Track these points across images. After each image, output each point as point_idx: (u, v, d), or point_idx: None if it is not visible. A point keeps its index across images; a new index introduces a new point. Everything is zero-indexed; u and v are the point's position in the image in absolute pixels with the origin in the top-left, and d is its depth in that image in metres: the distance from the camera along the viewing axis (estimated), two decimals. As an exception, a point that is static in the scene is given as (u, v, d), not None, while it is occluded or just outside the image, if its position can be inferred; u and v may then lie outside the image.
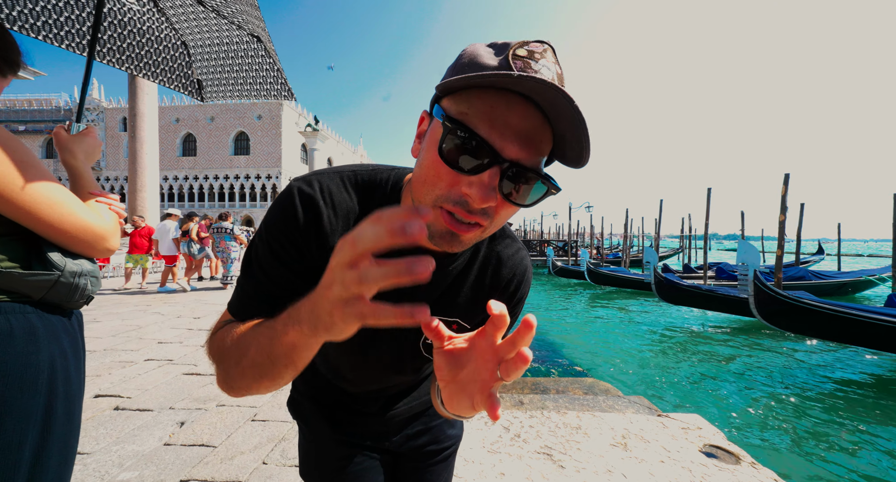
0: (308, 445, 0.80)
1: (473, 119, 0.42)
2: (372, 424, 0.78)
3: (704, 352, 6.99)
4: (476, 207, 0.44)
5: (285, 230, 0.53)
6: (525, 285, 0.69)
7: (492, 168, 0.42)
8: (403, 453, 0.81)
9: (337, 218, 0.56)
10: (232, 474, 1.88)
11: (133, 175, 14.42)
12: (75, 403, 0.80)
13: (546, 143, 0.45)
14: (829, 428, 4.15)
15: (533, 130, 0.43)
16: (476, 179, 0.43)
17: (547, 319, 9.77)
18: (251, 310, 0.53)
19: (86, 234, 0.79)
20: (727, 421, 4.27)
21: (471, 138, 0.42)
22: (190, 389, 2.88)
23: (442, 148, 0.44)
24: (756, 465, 1.98)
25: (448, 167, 0.43)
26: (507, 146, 0.42)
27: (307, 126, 19.37)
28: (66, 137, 0.95)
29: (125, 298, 6.71)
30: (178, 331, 4.53)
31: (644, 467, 1.96)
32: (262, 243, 0.55)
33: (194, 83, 1.78)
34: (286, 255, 0.53)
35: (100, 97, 49.47)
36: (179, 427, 2.33)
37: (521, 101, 0.42)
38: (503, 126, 0.42)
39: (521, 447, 2.16)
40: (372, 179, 0.60)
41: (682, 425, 2.43)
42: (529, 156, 0.43)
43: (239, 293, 0.56)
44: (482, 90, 0.43)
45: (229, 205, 49.07)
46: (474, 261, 0.64)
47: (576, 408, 2.69)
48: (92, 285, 0.83)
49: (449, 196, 0.44)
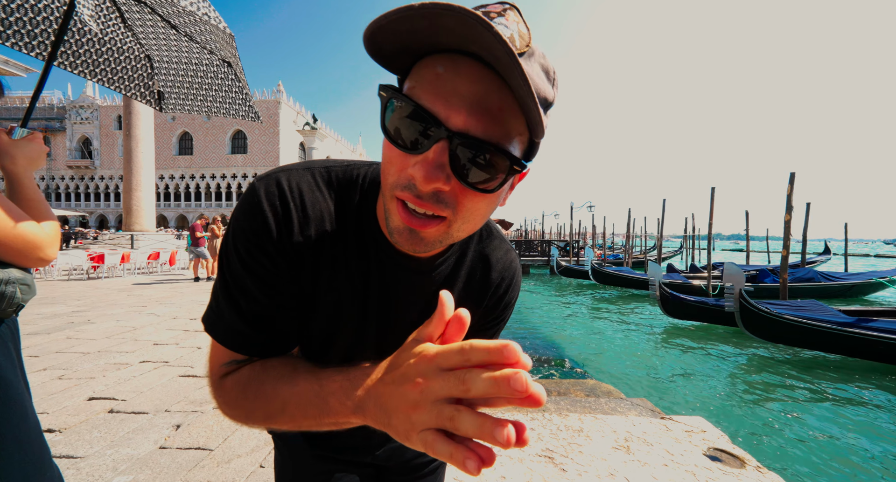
0: (284, 462, 0.74)
1: (418, 91, 0.37)
2: (353, 438, 0.71)
3: (708, 354, 7.00)
4: (424, 190, 0.38)
5: (254, 238, 0.47)
6: (514, 289, 0.65)
7: (438, 143, 0.36)
8: (389, 467, 0.77)
9: (308, 222, 0.50)
10: (228, 478, 1.85)
11: (128, 174, 14.31)
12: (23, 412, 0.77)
13: (511, 115, 0.37)
14: (834, 431, 4.14)
15: (486, 95, 0.36)
16: (420, 157, 0.37)
17: (549, 320, 9.76)
18: (248, 342, 0.50)
19: (17, 242, 0.76)
20: (732, 424, 4.25)
21: (412, 110, 0.37)
22: (186, 392, 2.85)
23: (385, 126, 0.39)
24: (761, 469, 1.97)
25: (396, 148, 0.39)
26: (452, 115, 0.36)
27: (305, 124, 19.35)
28: (7, 142, 0.91)
29: (120, 299, 6.66)
30: (174, 333, 4.49)
31: (647, 471, 1.94)
32: (234, 256, 0.48)
33: (154, 93, 1.81)
34: (260, 269, 0.48)
35: (94, 94, 49.17)
36: (175, 430, 2.29)
37: (472, 63, 0.36)
38: (450, 93, 0.36)
39: (521, 450, 2.13)
40: (347, 176, 0.54)
41: (685, 428, 2.41)
42: (483, 125, 0.36)
43: (224, 320, 0.50)
44: (431, 57, 0.38)
45: (226, 204, 48.85)
46: (461, 265, 0.59)
47: (577, 411, 2.67)
48: (22, 293, 0.79)
49: (399, 181, 0.39)
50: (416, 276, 0.55)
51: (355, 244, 0.52)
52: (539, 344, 7.39)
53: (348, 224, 0.52)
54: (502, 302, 0.64)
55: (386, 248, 0.53)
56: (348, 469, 0.74)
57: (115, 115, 48.20)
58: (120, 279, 9.69)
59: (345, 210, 0.52)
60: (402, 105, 0.37)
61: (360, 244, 0.53)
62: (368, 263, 0.53)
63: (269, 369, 0.48)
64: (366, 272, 0.54)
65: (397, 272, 0.54)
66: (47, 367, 3.28)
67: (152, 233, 14.87)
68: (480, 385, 0.28)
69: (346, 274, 0.53)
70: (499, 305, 0.64)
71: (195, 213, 47.70)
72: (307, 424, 0.43)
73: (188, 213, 48.31)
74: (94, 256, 9.91)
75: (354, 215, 0.53)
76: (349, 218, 0.52)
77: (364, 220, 0.53)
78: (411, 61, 0.40)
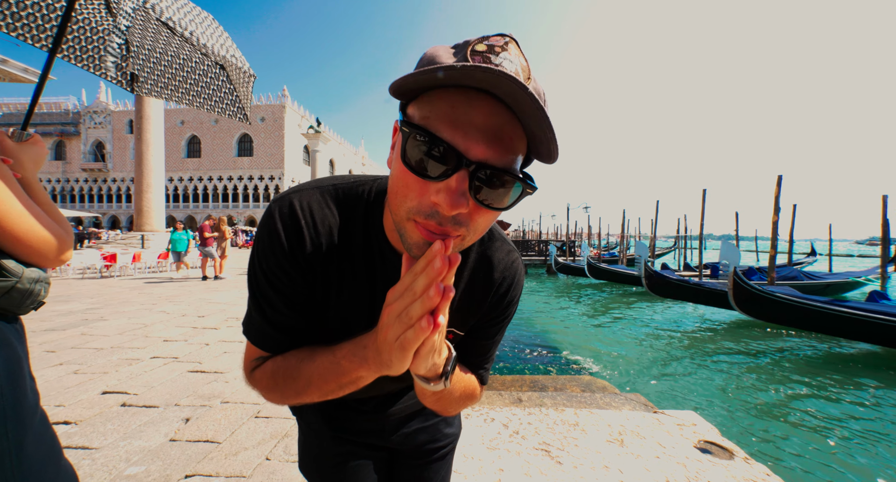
0: (307, 441, 0.81)
1: (435, 121, 0.40)
2: (369, 422, 0.78)
3: (700, 349, 7.01)
4: (447, 215, 0.41)
5: (273, 257, 0.54)
6: (516, 288, 0.67)
7: (458, 172, 0.40)
8: (402, 451, 0.82)
9: (319, 236, 0.56)
10: (236, 469, 1.92)
11: (139, 176, 14.60)
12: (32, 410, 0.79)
13: (518, 140, 0.41)
14: (821, 423, 4.17)
15: (499, 127, 0.40)
16: (443, 186, 0.40)
17: (546, 318, 9.77)
18: (275, 343, 0.59)
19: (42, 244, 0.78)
20: (722, 417, 4.29)
21: (433, 142, 0.39)
22: (195, 386, 2.93)
23: (405, 156, 0.41)
24: (749, 461, 2.01)
25: (414, 175, 0.42)
26: (471, 146, 0.39)
27: (309, 128, 19.46)
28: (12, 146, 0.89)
29: (132, 297, 6.81)
30: (183, 330, 4.60)
31: (640, 463, 1.99)
32: (259, 272, 0.56)
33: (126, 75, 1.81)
34: (280, 284, 0.55)
35: (107, 100, 50.04)
36: (185, 423, 2.37)
37: (485, 98, 0.39)
38: (466, 125, 0.39)
39: (519, 443, 2.19)
40: (353, 192, 0.59)
41: (677, 422, 2.45)
42: (498, 155, 0.40)
43: (255, 325, 0.59)
44: (443, 90, 0.41)
45: (233, 205, 49.32)
46: (464, 267, 0.62)
47: (573, 406, 2.72)
48: (45, 292, 0.82)
49: (420, 208, 0.42)
50: None
51: (362, 255, 0.58)
52: (536, 340, 7.42)
53: (355, 237, 0.58)
54: (504, 300, 0.66)
55: (391, 258, 0.58)
56: (364, 451, 0.79)
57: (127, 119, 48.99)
58: (132, 278, 9.88)
59: (351, 224, 0.58)
60: (422, 137, 0.40)
61: (367, 254, 0.58)
62: (374, 271, 0.59)
63: (290, 357, 0.57)
64: (372, 280, 0.59)
65: None
66: (63, 362, 3.40)
67: (162, 233, 15.11)
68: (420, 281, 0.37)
69: (354, 283, 0.59)
70: (501, 304, 0.66)
71: (203, 213, 48.26)
72: (330, 389, 0.53)
73: (196, 213, 48.88)
74: (107, 256, 10.14)
75: (361, 228, 0.58)
76: (356, 231, 0.58)
77: (371, 231, 0.58)
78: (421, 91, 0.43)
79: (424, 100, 0.42)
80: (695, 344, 7.41)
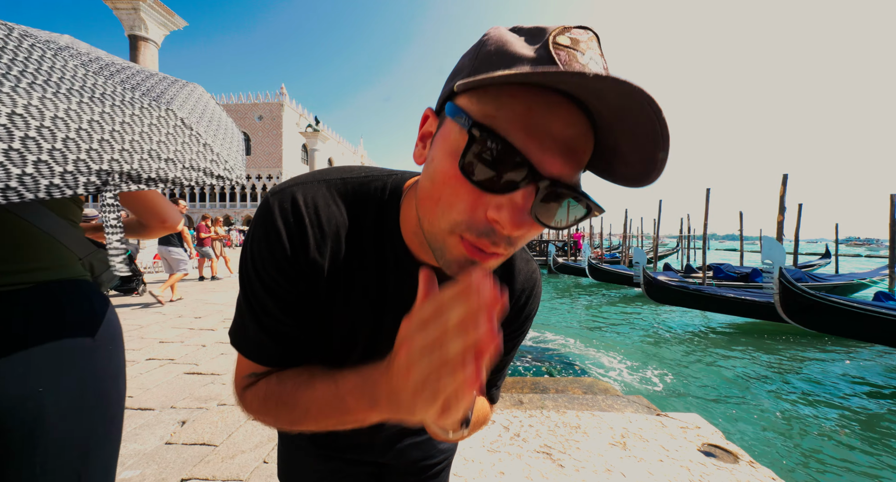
0: (288, 453, 0.75)
1: (504, 123, 0.33)
2: (358, 438, 0.71)
3: (703, 351, 7.00)
4: (505, 234, 0.35)
5: (271, 259, 0.47)
6: (535, 300, 0.63)
7: (528, 187, 0.34)
8: (393, 466, 0.77)
9: (325, 238, 0.48)
10: (233, 473, 1.89)
11: (134, 175, 14.46)
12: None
13: (587, 154, 0.36)
14: (826, 426, 4.16)
15: (577, 140, 0.34)
16: (506, 200, 0.34)
17: (547, 319, 9.77)
18: (272, 355, 0.52)
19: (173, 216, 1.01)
20: (726, 420, 4.27)
21: (502, 149, 0.33)
22: (191, 388, 2.90)
23: (464, 160, 0.34)
24: (754, 464, 1.99)
25: (469, 184, 0.35)
26: (546, 160, 0.33)
27: (308, 126, 19.43)
28: None
29: (127, 297, 6.74)
30: (179, 331, 4.55)
31: (643, 466, 1.97)
32: (254, 275, 0.48)
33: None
34: (278, 288, 0.48)
35: (101, 98, 49.68)
36: (181, 426, 2.34)
37: (565, 103, 0.33)
38: (543, 134, 0.33)
39: (520, 446, 2.17)
40: (364, 188, 0.52)
41: (680, 424, 2.44)
42: (572, 171, 0.35)
43: (248, 334, 0.51)
44: (514, 87, 0.34)
45: (230, 205, 49.15)
46: None
47: (575, 408, 2.70)
48: None
49: (472, 224, 0.36)
50: None
51: (373, 260, 0.51)
52: (537, 342, 7.41)
53: (365, 239, 0.51)
54: (523, 313, 0.61)
55: (407, 263, 0.51)
56: (351, 468, 0.74)
57: (120, 117, 48.70)
58: (126, 279, 9.79)
59: (362, 224, 0.51)
60: (490, 141, 0.33)
61: (379, 259, 0.52)
62: (386, 278, 0.52)
63: (286, 380, 0.49)
64: (383, 287, 0.53)
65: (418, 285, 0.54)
66: (56, 365, 3.35)
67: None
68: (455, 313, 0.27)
69: (363, 290, 0.52)
70: (519, 317, 0.61)
71: (199, 213, 48.08)
72: (331, 424, 0.44)
73: (192, 213, 48.70)
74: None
75: (372, 230, 0.51)
76: (366, 232, 0.51)
77: (384, 234, 0.51)
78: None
79: (490, 93, 0.35)
80: (697, 346, 7.41)
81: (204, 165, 0.75)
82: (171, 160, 0.71)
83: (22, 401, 0.64)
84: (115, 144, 0.64)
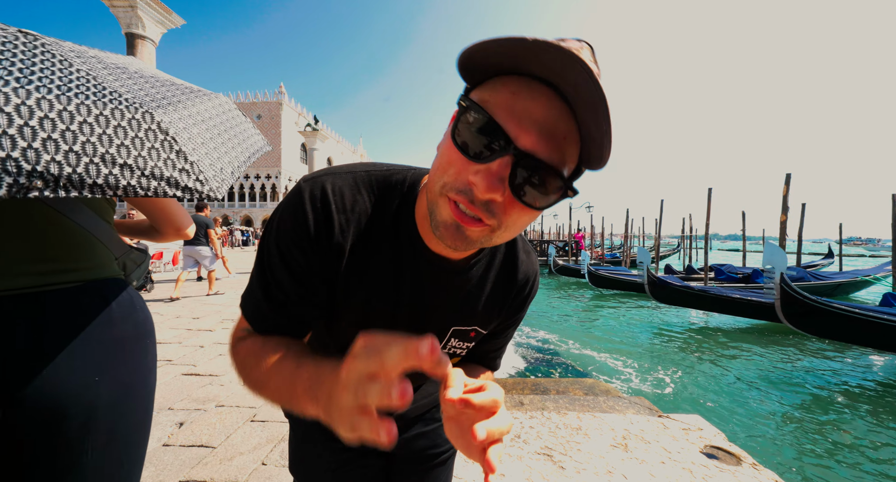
0: (298, 445, 0.78)
1: (493, 106, 0.40)
2: None
3: (705, 352, 6.99)
4: (480, 197, 0.41)
5: (294, 236, 0.52)
6: (534, 287, 0.69)
7: (503, 157, 0.39)
8: (401, 456, 0.80)
9: (349, 223, 0.54)
10: (231, 475, 1.87)
11: (132, 174, 14.40)
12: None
13: (570, 143, 0.41)
14: (831, 428, 4.14)
15: (555, 122, 0.39)
16: (483, 167, 0.40)
17: (548, 319, 9.76)
18: (266, 323, 0.55)
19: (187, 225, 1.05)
20: (728, 421, 4.26)
21: (485, 122, 0.39)
22: (189, 390, 2.88)
23: (455, 131, 0.42)
24: (757, 466, 1.98)
25: (458, 152, 0.41)
26: (522, 135, 0.39)
27: (307, 126, 19.40)
28: None
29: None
30: (177, 332, 4.53)
31: (645, 468, 1.96)
32: (273, 245, 0.53)
33: None
34: (294, 263, 0.52)
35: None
36: (178, 427, 2.32)
37: (546, 91, 0.39)
38: (522, 113, 0.39)
39: (521, 448, 2.15)
40: (387, 180, 0.57)
41: (682, 426, 2.42)
42: (547, 150, 0.39)
43: (253, 295, 0.56)
44: (507, 77, 0.41)
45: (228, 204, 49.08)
46: (492, 267, 0.63)
47: (576, 409, 2.68)
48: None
49: (455, 184, 0.42)
50: (452, 276, 0.59)
51: (390, 246, 0.56)
52: (538, 342, 7.40)
53: (386, 226, 0.56)
54: (524, 302, 0.68)
55: (421, 250, 0.56)
56: (360, 457, 0.76)
57: (118, 116, 48.57)
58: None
59: (383, 213, 0.56)
60: (477, 116, 0.40)
61: (395, 246, 0.56)
62: (402, 264, 0.57)
63: (268, 346, 0.52)
64: (399, 272, 0.57)
65: (432, 272, 0.58)
66: (53, 366, 3.33)
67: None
68: (392, 352, 0.30)
69: (380, 274, 0.57)
70: (523, 303, 0.67)
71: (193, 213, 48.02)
72: (283, 403, 0.46)
73: (191, 213, 48.62)
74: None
75: (392, 218, 0.56)
76: (387, 220, 0.56)
77: (402, 222, 0.56)
78: (486, 76, 0.43)
79: (488, 85, 0.42)
80: (700, 347, 7.38)
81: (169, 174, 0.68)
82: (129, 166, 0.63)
83: (83, 389, 0.70)
84: (63, 145, 0.58)
